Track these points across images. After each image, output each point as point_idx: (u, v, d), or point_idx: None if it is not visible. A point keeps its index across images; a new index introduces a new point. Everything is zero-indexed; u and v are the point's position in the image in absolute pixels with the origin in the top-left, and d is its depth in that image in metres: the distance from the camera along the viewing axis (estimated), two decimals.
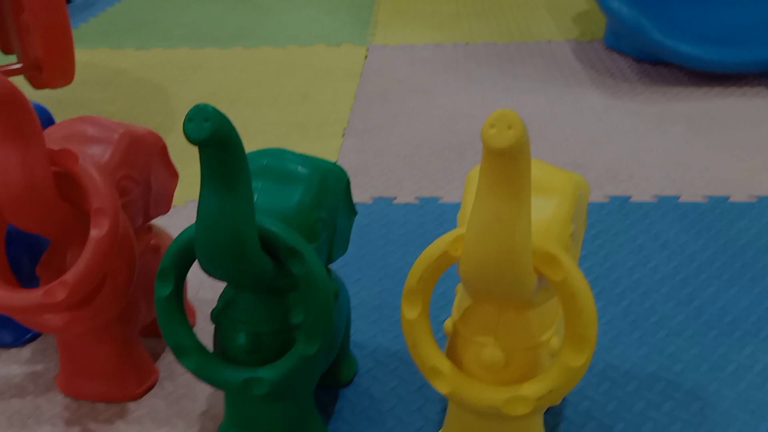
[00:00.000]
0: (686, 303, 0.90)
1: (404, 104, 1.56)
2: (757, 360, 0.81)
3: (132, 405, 0.77)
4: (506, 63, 1.77)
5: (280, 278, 0.61)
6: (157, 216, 0.80)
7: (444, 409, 0.74)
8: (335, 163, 0.68)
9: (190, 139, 0.50)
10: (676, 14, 1.58)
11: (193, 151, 0.57)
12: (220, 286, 0.90)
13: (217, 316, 0.66)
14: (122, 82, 1.73)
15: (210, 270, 0.59)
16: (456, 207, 1.14)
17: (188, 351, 0.63)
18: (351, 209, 0.72)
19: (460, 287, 0.65)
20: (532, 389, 0.56)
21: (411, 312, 0.59)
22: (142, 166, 0.76)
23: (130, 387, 0.78)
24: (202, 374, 0.63)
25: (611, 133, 1.37)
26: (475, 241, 0.51)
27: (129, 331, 0.77)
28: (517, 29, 2.03)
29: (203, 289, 0.95)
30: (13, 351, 0.86)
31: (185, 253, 0.62)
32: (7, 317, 0.86)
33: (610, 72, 1.67)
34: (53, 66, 1.23)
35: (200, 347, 0.64)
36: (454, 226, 1.12)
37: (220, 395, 0.78)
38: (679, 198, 1.15)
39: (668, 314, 0.88)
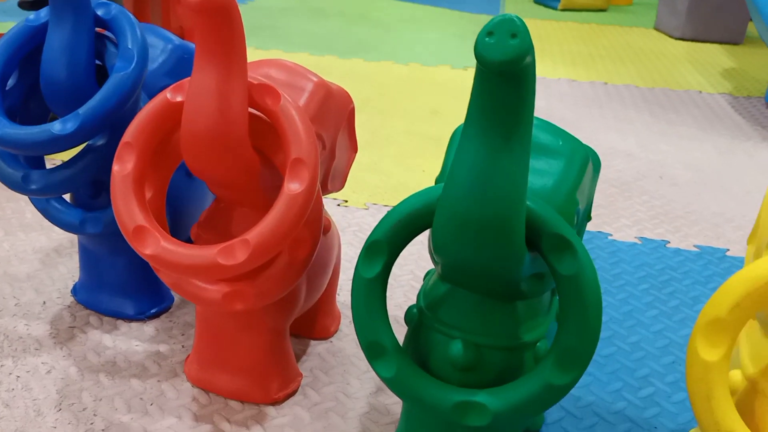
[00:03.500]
0: None
1: None
2: None
3: (271, 410, 0.64)
4: (655, 107, 1.62)
5: (525, 278, 0.47)
6: (331, 191, 0.68)
7: None
8: (590, 147, 0.54)
9: (486, 61, 0.37)
10: None
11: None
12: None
13: (419, 315, 0.52)
14: None
15: (450, 250, 0.45)
16: (618, 245, 0.99)
17: (387, 353, 0.49)
18: (589, 210, 0.58)
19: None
20: None
21: (711, 352, 0.42)
22: (332, 126, 0.64)
23: (272, 389, 0.64)
24: (399, 386, 0.49)
25: None
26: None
27: (282, 322, 0.63)
28: (660, 76, 1.89)
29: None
30: (135, 326, 0.74)
31: (408, 226, 0.48)
32: (133, 288, 0.75)
33: None
34: None
35: (401, 351, 0.50)
36: (619, 262, 0.97)
37: (375, 416, 0.63)
38: None
39: None
